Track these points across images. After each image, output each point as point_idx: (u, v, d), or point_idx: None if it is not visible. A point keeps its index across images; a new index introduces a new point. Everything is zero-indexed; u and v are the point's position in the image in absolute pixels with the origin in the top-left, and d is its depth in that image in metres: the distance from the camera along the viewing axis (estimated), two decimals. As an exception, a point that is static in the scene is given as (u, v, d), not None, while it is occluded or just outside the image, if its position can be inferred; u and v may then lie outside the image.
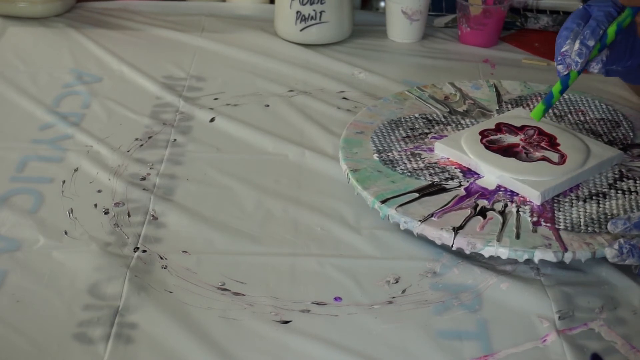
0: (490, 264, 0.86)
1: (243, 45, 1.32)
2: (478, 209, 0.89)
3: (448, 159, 0.97)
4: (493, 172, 0.93)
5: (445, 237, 0.85)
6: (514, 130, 1.00)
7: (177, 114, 1.13)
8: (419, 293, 0.83)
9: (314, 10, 1.31)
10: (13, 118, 1.11)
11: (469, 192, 0.92)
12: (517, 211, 0.89)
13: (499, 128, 1.00)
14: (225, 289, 0.83)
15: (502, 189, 0.92)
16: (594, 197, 0.91)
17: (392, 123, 1.04)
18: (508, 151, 0.96)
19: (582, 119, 1.07)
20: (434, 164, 0.96)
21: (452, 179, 0.94)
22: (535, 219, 0.88)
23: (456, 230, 0.85)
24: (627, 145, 1.02)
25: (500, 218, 0.88)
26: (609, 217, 0.87)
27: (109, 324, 0.78)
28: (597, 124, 1.06)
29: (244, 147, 1.07)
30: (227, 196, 0.97)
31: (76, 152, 1.04)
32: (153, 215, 0.93)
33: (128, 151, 1.04)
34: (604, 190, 0.92)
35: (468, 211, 0.89)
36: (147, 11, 1.44)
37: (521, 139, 0.98)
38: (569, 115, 1.08)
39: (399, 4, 1.33)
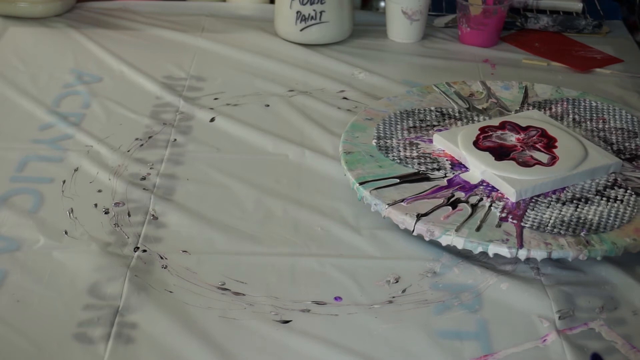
0: (491, 264, 0.86)
1: (243, 45, 1.32)
2: (452, 199, 0.90)
3: (444, 151, 0.98)
4: (478, 167, 0.94)
5: (407, 222, 0.87)
6: (517, 129, 1.00)
7: (177, 114, 1.13)
8: (419, 293, 0.83)
9: (314, 10, 1.31)
10: (13, 118, 1.11)
11: (450, 184, 0.93)
12: (490, 206, 0.89)
13: (503, 126, 1.01)
14: (226, 289, 0.83)
15: (484, 184, 0.93)
16: (574, 201, 0.91)
17: (405, 113, 1.06)
18: (503, 149, 0.96)
19: (600, 126, 1.06)
20: (427, 154, 0.98)
21: (438, 169, 0.95)
22: (504, 214, 0.88)
23: (419, 216, 0.87)
24: (636, 156, 1.01)
25: (469, 210, 0.89)
26: (580, 221, 0.87)
27: (109, 324, 0.78)
28: (613, 132, 1.05)
29: (244, 147, 1.07)
30: (227, 196, 0.97)
31: (76, 152, 1.04)
32: (153, 215, 0.93)
33: (128, 151, 1.04)
34: (588, 195, 0.92)
35: (440, 201, 0.90)
36: (147, 11, 1.44)
37: (518, 139, 0.98)
38: (589, 122, 1.07)
39: (399, 4, 1.33)
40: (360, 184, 0.91)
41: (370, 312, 0.80)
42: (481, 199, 0.91)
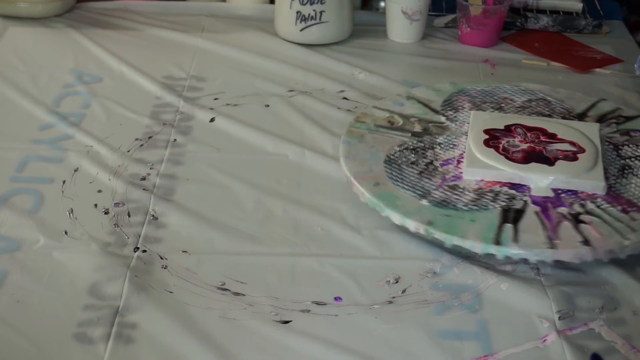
0: (490, 264, 0.86)
1: (243, 46, 1.32)
2: (571, 215, 0.89)
3: (482, 180, 0.95)
4: (539, 179, 0.93)
5: (584, 253, 0.84)
6: (507, 133, 1.00)
7: (177, 114, 1.13)
8: (419, 293, 0.83)
9: (314, 10, 1.31)
10: (13, 118, 1.11)
11: (538, 204, 0.91)
12: (598, 207, 0.90)
13: (494, 135, 1.00)
14: (225, 289, 0.83)
15: (560, 191, 0.93)
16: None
17: (390, 165, 0.98)
18: (531, 154, 0.96)
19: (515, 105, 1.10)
20: (481, 190, 0.93)
21: (511, 199, 0.92)
22: (619, 207, 0.90)
23: (586, 243, 0.85)
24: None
25: (599, 217, 0.89)
26: None
27: (109, 324, 0.78)
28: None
29: (244, 147, 1.07)
30: (227, 196, 0.97)
31: (76, 152, 1.04)
32: (153, 215, 0.93)
33: (128, 151, 1.04)
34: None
35: (564, 222, 0.88)
36: (147, 11, 1.44)
37: (520, 140, 0.98)
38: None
39: (399, 4, 1.33)
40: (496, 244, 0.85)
41: (370, 312, 0.80)
42: (583, 204, 0.91)
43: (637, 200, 0.91)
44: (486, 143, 0.98)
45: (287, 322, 0.79)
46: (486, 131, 1.00)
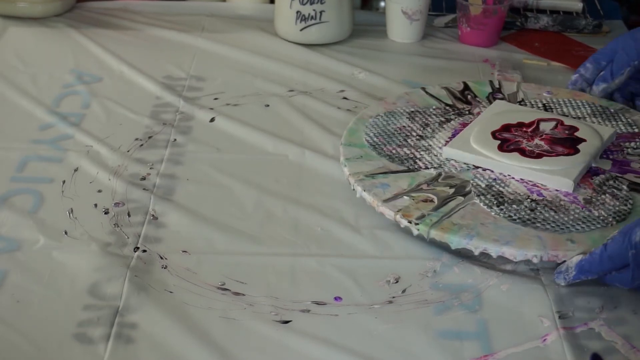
0: (491, 264, 0.86)
1: (243, 46, 1.32)
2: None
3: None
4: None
5: None
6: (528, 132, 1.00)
7: (177, 114, 1.13)
8: (419, 293, 0.83)
9: (314, 10, 1.31)
10: (13, 118, 1.11)
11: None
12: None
13: (509, 129, 1.00)
14: (225, 289, 0.83)
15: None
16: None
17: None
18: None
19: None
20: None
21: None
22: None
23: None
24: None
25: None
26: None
27: (109, 324, 0.78)
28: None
29: (244, 147, 1.07)
30: (227, 196, 0.97)
31: (76, 152, 1.04)
32: (153, 215, 0.93)
33: (128, 151, 1.04)
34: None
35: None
36: (147, 11, 1.44)
37: (537, 137, 0.99)
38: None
39: (399, 4, 1.33)
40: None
41: (370, 312, 0.80)
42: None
43: None
44: (494, 134, 0.99)
45: (287, 322, 0.79)
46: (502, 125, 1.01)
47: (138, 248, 0.88)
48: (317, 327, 0.78)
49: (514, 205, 0.89)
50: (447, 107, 1.09)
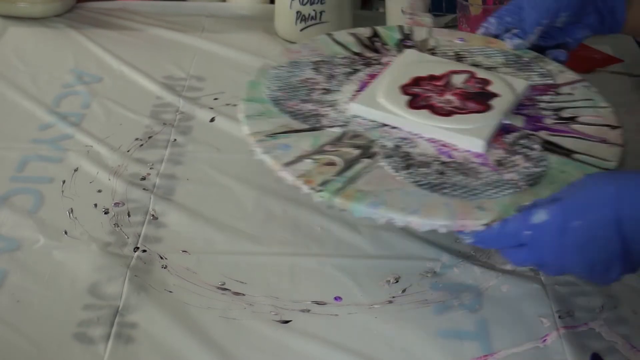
0: (491, 264, 0.86)
1: (243, 46, 1.32)
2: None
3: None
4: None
5: None
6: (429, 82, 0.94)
7: (177, 114, 1.13)
8: (419, 293, 0.83)
9: (314, 10, 1.31)
10: (13, 118, 1.11)
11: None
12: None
13: (419, 83, 0.94)
14: (225, 289, 0.83)
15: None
16: None
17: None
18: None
19: None
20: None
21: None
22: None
23: None
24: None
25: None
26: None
27: (109, 323, 0.78)
28: None
29: (244, 147, 1.06)
30: (227, 196, 0.97)
31: (76, 152, 1.04)
32: (153, 215, 0.93)
33: (128, 151, 1.04)
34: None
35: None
36: (147, 11, 1.44)
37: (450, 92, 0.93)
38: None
39: (399, 4, 1.33)
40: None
41: (370, 312, 0.80)
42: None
43: None
44: (403, 88, 0.93)
45: (287, 322, 0.79)
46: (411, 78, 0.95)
47: (138, 248, 0.88)
48: (317, 327, 0.78)
49: (423, 169, 0.82)
50: (355, 56, 1.02)
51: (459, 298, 0.82)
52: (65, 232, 0.90)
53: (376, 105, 0.90)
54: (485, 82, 0.95)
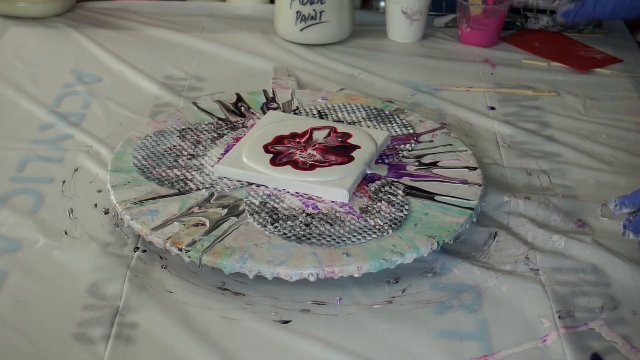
0: (490, 264, 0.86)
1: (243, 46, 1.32)
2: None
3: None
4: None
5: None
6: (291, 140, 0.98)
7: (177, 114, 1.13)
8: (419, 293, 0.83)
9: (314, 10, 1.31)
10: (13, 118, 1.11)
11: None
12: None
13: (282, 141, 0.97)
14: (225, 289, 0.83)
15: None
16: None
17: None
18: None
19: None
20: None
21: None
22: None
23: None
24: None
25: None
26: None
27: (109, 324, 0.78)
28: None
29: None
30: (227, 196, 0.97)
31: (76, 152, 1.04)
32: (153, 215, 0.93)
33: (128, 151, 1.04)
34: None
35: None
36: (147, 11, 1.44)
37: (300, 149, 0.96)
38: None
39: (399, 4, 1.33)
40: None
41: (370, 312, 0.80)
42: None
43: None
44: (266, 147, 0.96)
45: (287, 322, 0.79)
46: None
47: (138, 248, 0.88)
48: (317, 327, 0.78)
49: (289, 222, 0.86)
50: (220, 122, 1.05)
51: (459, 298, 0.82)
52: (65, 232, 0.90)
53: (240, 165, 0.94)
54: (346, 135, 0.99)
